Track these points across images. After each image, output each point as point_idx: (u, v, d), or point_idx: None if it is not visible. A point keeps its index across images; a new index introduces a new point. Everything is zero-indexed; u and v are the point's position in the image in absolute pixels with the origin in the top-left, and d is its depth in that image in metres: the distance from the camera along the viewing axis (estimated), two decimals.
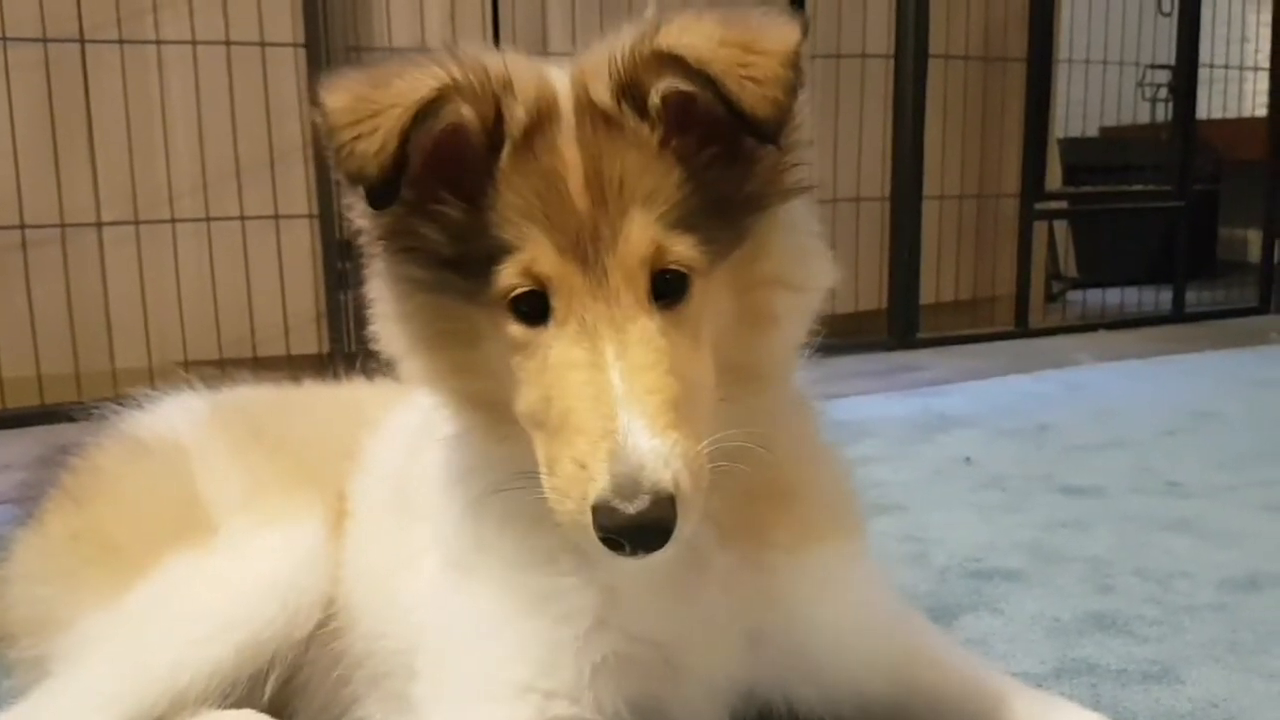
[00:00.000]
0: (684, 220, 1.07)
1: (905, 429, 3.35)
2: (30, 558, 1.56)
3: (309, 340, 4.21)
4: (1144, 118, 6.37)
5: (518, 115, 1.07)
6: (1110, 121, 6.69)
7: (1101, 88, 5.89)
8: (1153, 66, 5.87)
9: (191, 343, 4.02)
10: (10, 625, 1.54)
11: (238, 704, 1.39)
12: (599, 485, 0.98)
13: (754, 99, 1.03)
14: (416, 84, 1.03)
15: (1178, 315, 5.80)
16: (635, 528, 0.97)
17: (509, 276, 1.06)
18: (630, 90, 1.07)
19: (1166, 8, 5.75)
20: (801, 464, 1.29)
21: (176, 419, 1.64)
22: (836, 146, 4.87)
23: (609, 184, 1.05)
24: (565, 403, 1.03)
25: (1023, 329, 5.38)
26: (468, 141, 1.06)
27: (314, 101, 1.06)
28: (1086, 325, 5.57)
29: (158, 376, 1.75)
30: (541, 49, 4.31)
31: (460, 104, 1.04)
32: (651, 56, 1.06)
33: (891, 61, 4.99)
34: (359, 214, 1.14)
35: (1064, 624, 1.84)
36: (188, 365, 3.78)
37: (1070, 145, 6.39)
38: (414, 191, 1.07)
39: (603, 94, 1.08)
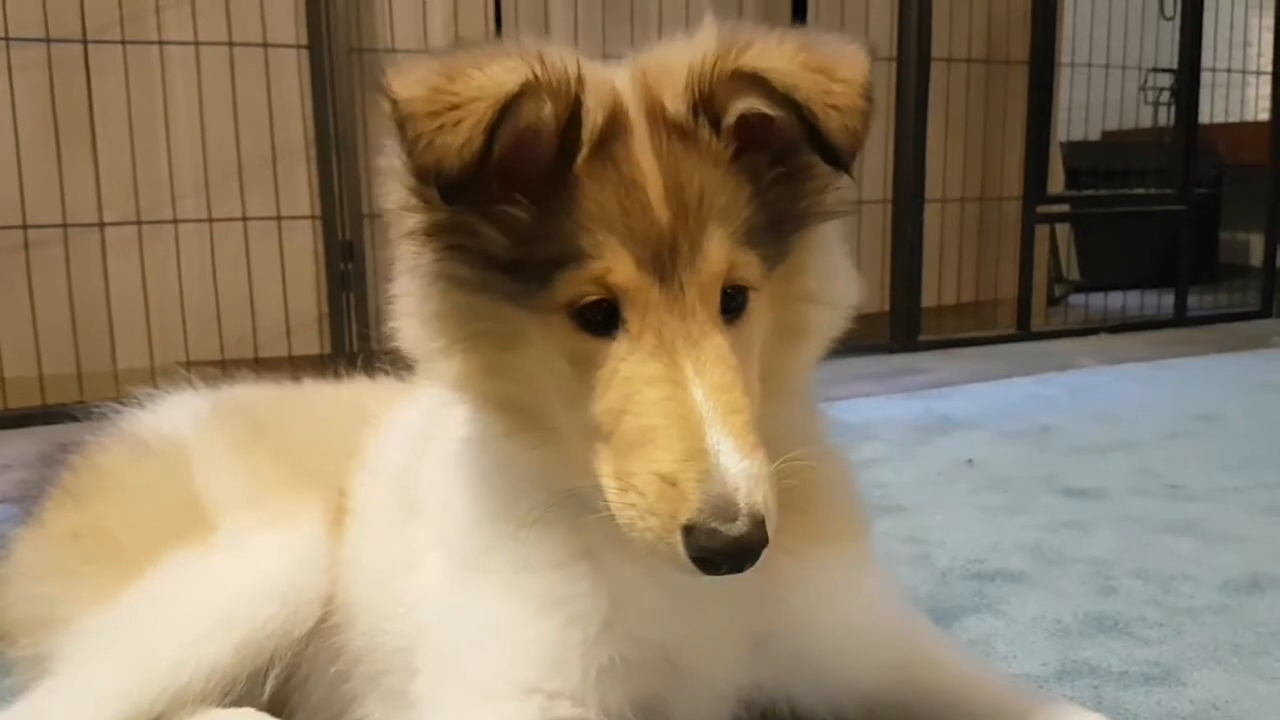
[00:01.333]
0: (748, 237, 1.07)
1: (907, 431, 3.35)
2: (30, 556, 1.56)
3: (311, 341, 4.21)
4: (1146, 121, 6.37)
5: (595, 118, 1.04)
6: (1112, 125, 6.69)
7: (1104, 91, 5.89)
8: (1155, 70, 5.88)
9: (193, 343, 4.02)
10: (10, 623, 1.54)
11: (237, 702, 1.39)
12: (693, 506, 0.97)
13: (837, 127, 1.05)
14: (500, 78, 0.99)
15: (1180, 319, 5.79)
16: (735, 550, 0.97)
17: (579, 284, 1.04)
18: (707, 105, 1.07)
19: (1169, 11, 5.75)
20: (810, 468, 1.29)
21: (177, 418, 1.65)
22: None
23: (688, 198, 1.04)
24: (644, 419, 1.02)
25: (1025, 332, 5.37)
26: (540, 142, 1.03)
27: (380, 90, 1.02)
28: (1089, 328, 5.57)
29: (160, 377, 1.75)
30: None
31: (544, 102, 1.01)
32: (733, 75, 1.05)
33: (894, 64, 4.99)
34: (403, 205, 1.10)
35: (1066, 626, 1.84)
36: (190, 365, 3.76)
37: (1072, 149, 6.39)
38: (477, 190, 1.03)
39: (678, 106, 1.07)
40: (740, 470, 0.98)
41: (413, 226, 1.10)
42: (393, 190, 1.12)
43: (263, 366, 1.86)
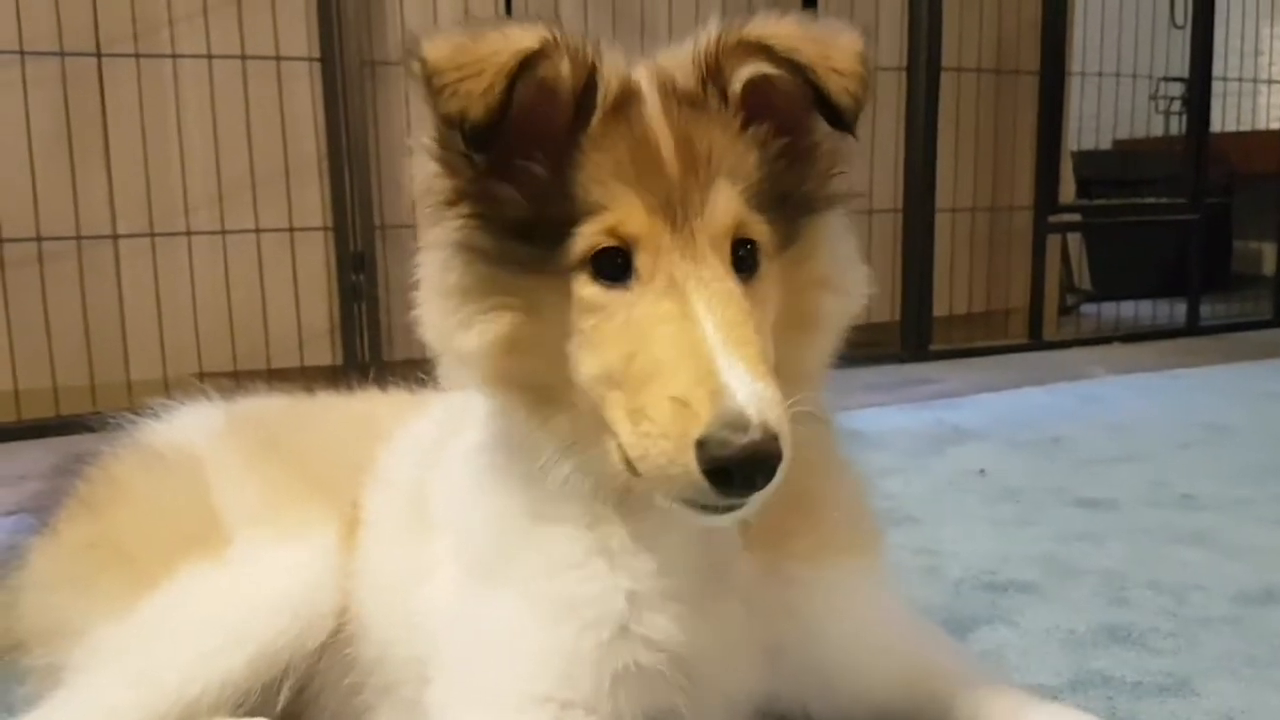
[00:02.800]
0: (757, 201, 1.12)
1: (918, 441, 3.34)
2: (45, 566, 1.56)
3: (323, 352, 4.22)
4: (1157, 130, 6.37)
5: (610, 81, 1.10)
6: (1124, 134, 6.68)
7: (1115, 100, 5.89)
8: (1166, 79, 5.88)
9: (206, 354, 4.03)
10: (24, 633, 1.54)
11: (251, 714, 1.39)
12: (704, 420, 0.98)
13: (838, 87, 1.10)
14: (520, 36, 1.05)
15: (1192, 328, 5.78)
16: (747, 458, 0.97)
17: (593, 236, 1.08)
18: (714, 76, 1.13)
19: (1180, 20, 5.75)
20: (824, 476, 1.30)
21: (192, 429, 1.65)
22: (849, 159, 4.86)
23: (698, 155, 1.09)
24: (654, 354, 1.04)
25: (1036, 342, 5.37)
26: (556, 104, 1.09)
27: (410, 55, 1.07)
28: (1100, 338, 5.56)
29: (173, 388, 1.76)
30: None
31: (561, 61, 1.07)
32: (738, 44, 1.12)
33: (904, 74, 4.99)
34: (429, 177, 1.14)
35: (1079, 636, 1.83)
36: (203, 377, 3.82)
37: (1083, 158, 6.38)
38: (496, 151, 1.08)
39: (687, 79, 1.13)
40: (751, 390, 0.99)
41: (436, 196, 1.14)
42: (420, 167, 1.15)
43: (275, 378, 1.87)
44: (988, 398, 4.08)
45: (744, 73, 1.12)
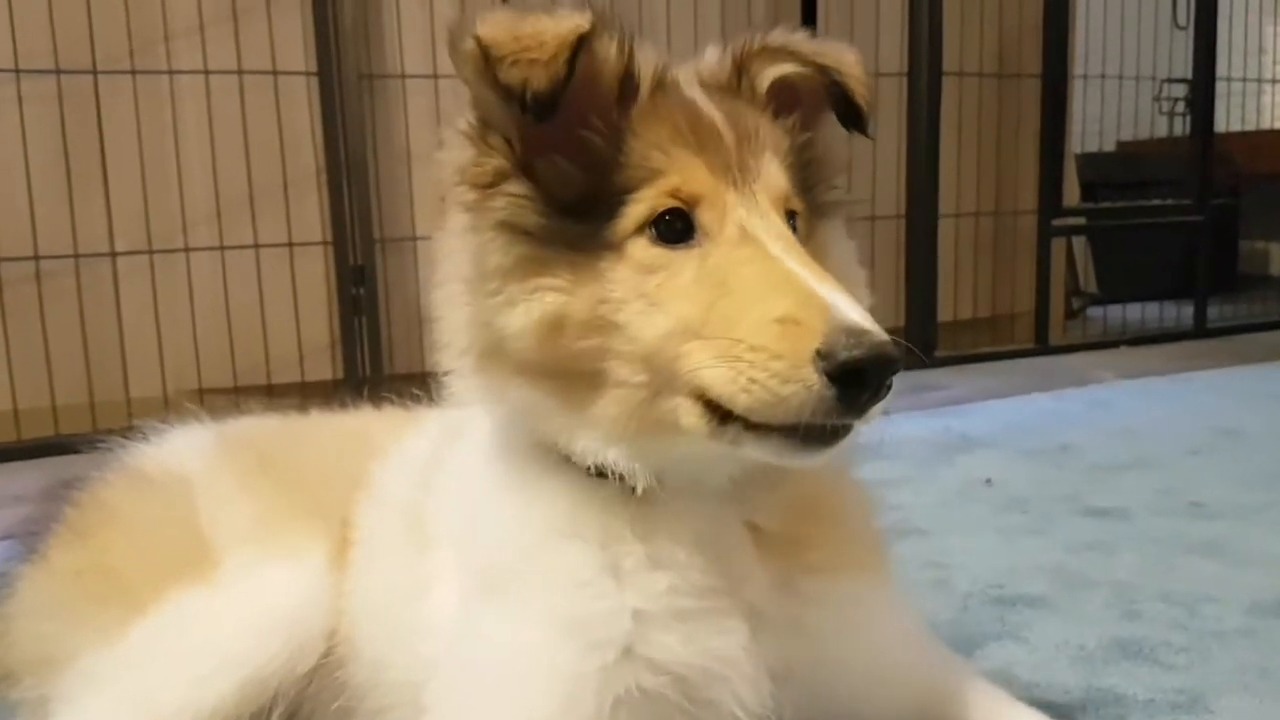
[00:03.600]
0: (793, 184, 1.18)
1: (925, 449, 3.31)
2: (34, 594, 1.54)
3: (324, 366, 4.20)
4: (1161, 132, 6.34)
5: (650, 64, 1.15)
6: (1127, 136, 6.66)
7: (1118, 102, 5.87)
8: (1169, 80, 5.85)
9: (206, 371, 4.01)
10: (13, 663, 1.52)
11: None
12: (821, 331, 0.98)
13: (858, 87, 1.21)
14: (572, 19, 1.09)
15: (1200, 331, 5.73)
16: (876, 355, 0.98)
17: (654, 198, 1.09)
18: (743, 77, 1.22)
19: (1182, 21, 5.72)
20: (836, 490, 1.30)
21: (182, 451, 1.63)
22: (851, 165, 4.84)
23: (748, 129, 1.15)
24: (744, 292, 1.04)
25: (1043, 346, 5.33)
26: (602, 82, 1.12)
27: (460, 36, 1.10)
28: (1107, 342, 5.52)
29: (172, 405, 1.73)
30: None
31: (610, 42, 1.12)
32: (763, 50, 1.22)
33: (905, 79, 4.97)
34: (467, 156, 1.15)
35: (1089, 652, 1.80)
36: (202, 393, 3.81)
37: (1087, 161, 6.36)
38: (554, 124, 1.09)
39: (718, 74, 1.22)
40: (860, 311, 1.01)
41: (476, 179, 1.13)
42: (454, 154, 1.16)
43: (276, 393, 1.85)
44: (995, 404, 4.04)
45: (772, 71, 1.21)
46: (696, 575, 1.17)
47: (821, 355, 0.97)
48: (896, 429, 3.52)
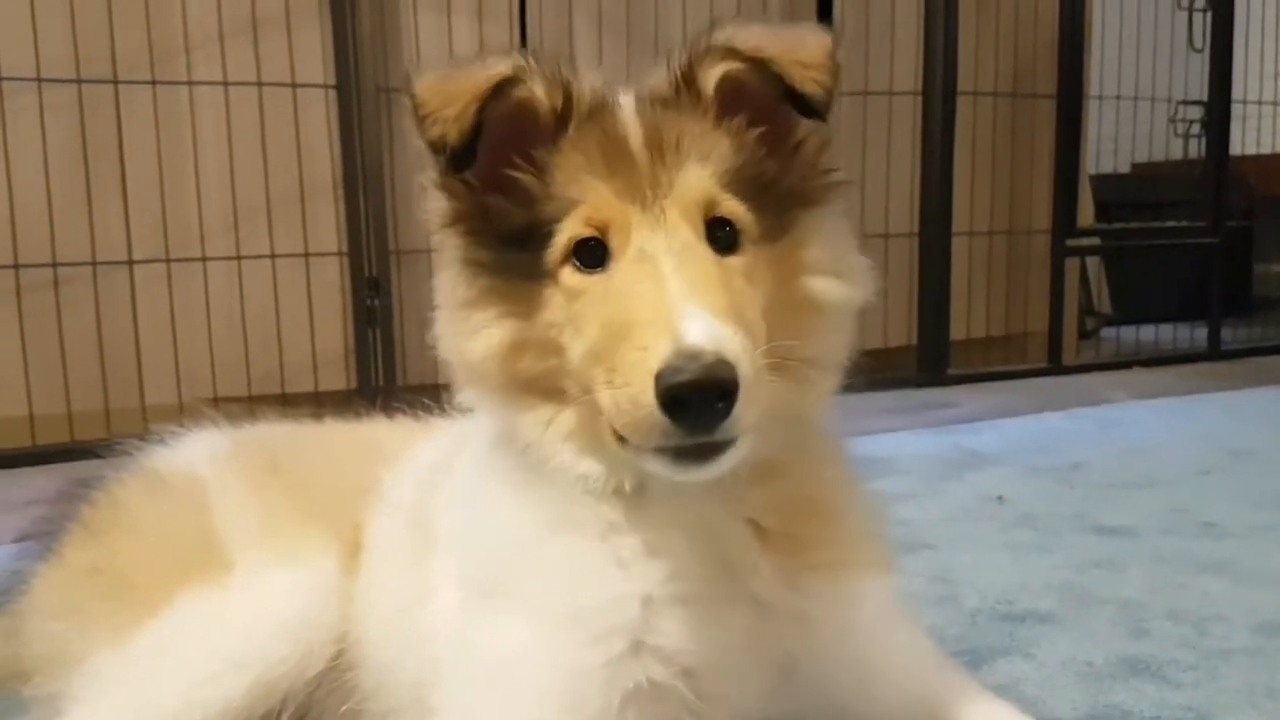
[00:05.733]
0: (734, 187, 1.16)
1: (935, 466, 3.31)
2: (48, 593, 1.56)
3: (337, 376, 4.22)
4: (1176, 154, 6.32)
5: (584, 95, 1.19)
6: (1142, 158, 6.65)
7: (1133, 124, 5.86)
8: (1185, 102, 5.83)
9: (221, 379, 4.04)
10: (25, 661, 1.54)
11: None
12: (660, 355, 1.00)
13: (803, 78, 1.16)
14: (494, 67, 1.16)
15: (1213, 352, 5.72)
16: (698, 380, 0.99)
17: (571, 227, 1.14)
18: (687, 79, 1.20)
19: (1198, 43, 5.71)
20: (840, 489, 1.31)
21: (197, 455, 1.64)
22: (864, 183, 4.87)
23: (667, 144, 1.15)
24: (625, 318, 1.07)
25: (1056, 366, 5.32)
26: (537, 120, 1.17)
27: (404, 91, 1.18)
28: (1120, 362, 5.51)
29: (187, 413, 1.75)
30: None
31: (533, 83, 1.16)
32: (706, 50, 1.20)
33: (919, 98, 4.98)
34: (436, 200, 1.22)
35: (1097, 669, 1.79)
36: (217, 402, 3.82)
37: (1102, 182, 6.35)
38: (487, 167, 1.17)
39: (661, 86, 1.21)
40: (706, 325, 1.02)
41: (441, 219, 1.22)
42: (430, 199, 1.23)
43: (290, 402, 1.87)
44: (1006, 422, 4.03)
45: (714, 72, 1.18)
46: (696, 563, 1.19)
47: (656, 380, 1.00)
48: (907, 445, 3.55)
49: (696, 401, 1.00)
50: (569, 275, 1.14)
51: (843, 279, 1.22)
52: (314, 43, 4.11)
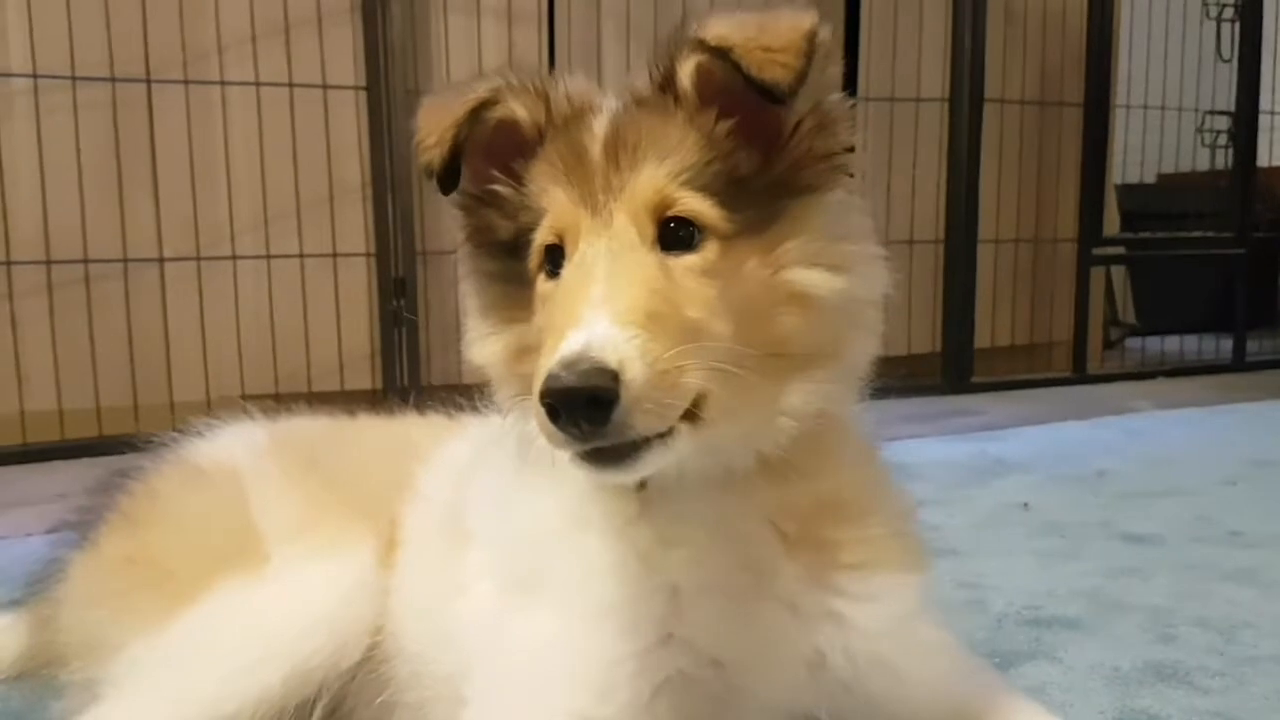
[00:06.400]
0: (700, 182, 1.14)
1: (959, 473, 3.31)
2: (84, 580, 1.58)
3: (363, 376, 4.25)
4: (1203, 164, 6.29)
5: (561, 106, 1.23)
6: (1169, 168, 6.61)
7: (1160, 134, 5.83)
8: (1212, 113, 5.81)
9: (249, 377, 4.07)
10: (62, 647, 1.56)
11: None
12: (549, 365, 1.01)
13: (761, 62, 1.12)
14: (472, 92, 1.23)
15: (1239, 364, 5.70)
16: (566, 390, 0.99)
17: (541, 236, 1.18)
18: (667, 77, 1.19)
19: (1226, 53, 5.69)
20: (868, 490, 1.30)
21: (234, 447, 1.66)
22: (890, 189, 4.87)
23: (625, 147, 1.15)
24: (550, 322, 1.09)
25: (1080, 375, 5.31)
26: (522, 135, 1.23)
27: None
28: (1145, 373, 5.49)
29: (215, 410, 1.77)
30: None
31: (511, 103, 1.23)
32: (680, 44, 1.19)
33: (946, 105, 4.98)
34: (453, 216, 1.30)
35: (1124, 674, 1.79)
36: (245, 399, 3.85)
37: (1127, 192, 6.32)
38: (481, 183, 1.25)
39: (644, 86, 1.21)
40: (595, 332, 1.01)
41: (460, 234, 1.30)
42: (450, 214, 1.31)
43: (316, 401, 1.88)
44: (1030, 430, 4.03)
45: (687, 67, 1.18)
46: (716, 556, 1.19)
47: (544, 383, 1.01)
48: (931, 452, 3.55)
49: (568, 408, 1.00)
50: (541, 282, 1.18)
51: (837, 270, 1.17)
52: (345, 45, 4.15)
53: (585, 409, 0.99)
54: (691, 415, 1.06)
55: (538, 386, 1.00)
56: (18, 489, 3.34)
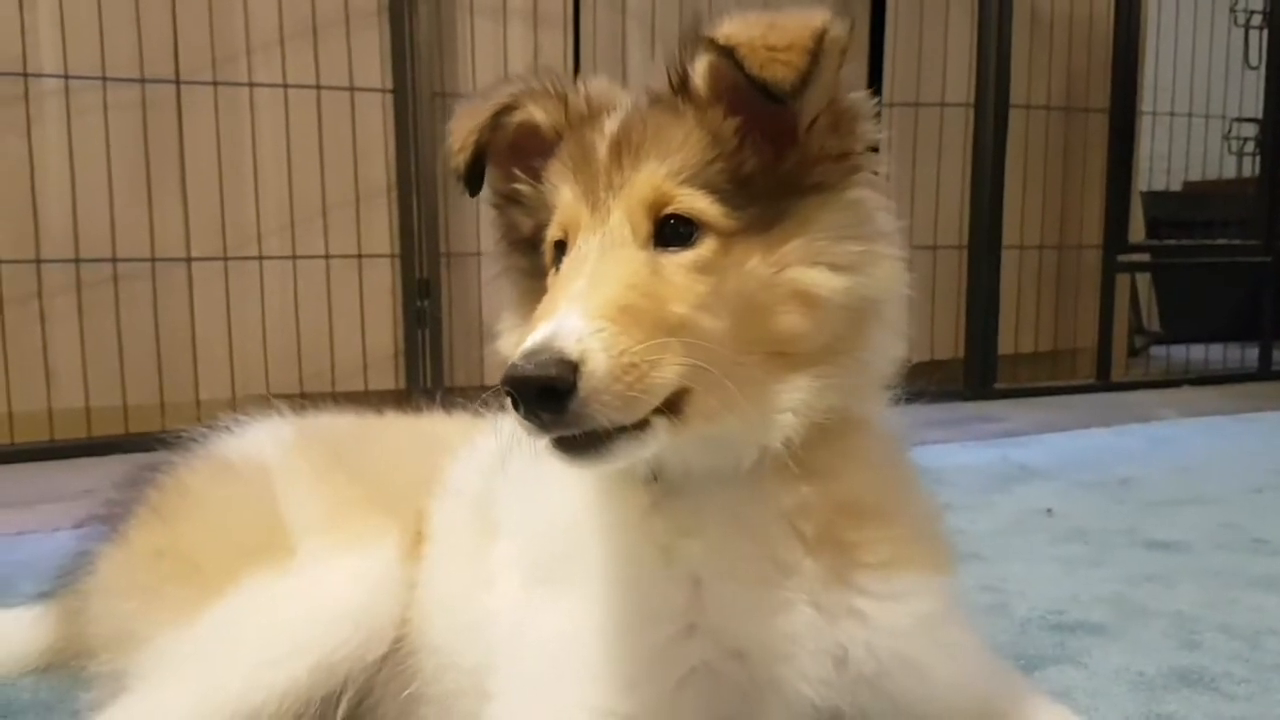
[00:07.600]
0: (702, 180, 1.15)
1: (982, 479, 3.30)
2: (113, 573, 1.59)
3: (387, 376, 4.27)
4: (1230, 172, 6.26)
5: (579, 108, 1.27)
6: (1195, 176, 6.58)
7: (1186, 141, 5.80)
8: (1239, 120, 5.78)
9: (274, 376, 4.10)
10: (91, 639, 1.57)
11: None
12: (515, 356, 1.01)
13: (764, 61, 1.12)
14: (494, 96, 1.29)
15: (1264, 373, 5.66)
16: (522, 379, 1.00)
17: (550, 232, 1.21)
18: (681, 77, 1.20)
19: (1253, 60, 5.66)
20: (892, 490, 1.29)
21: (263, 442, 1.67)
22: (914, 194, 4.86)
23: (629, 145, 1.17)
24: (539, 313, 1.09)
25: (1104, 383, 5.29)
26: (544, 136, 1.27)
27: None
28: (1170, 381, 5.47)
29: (240, 409, 1.79)
30: None
31: (530, 107, 1.28)
32: (693, 43, 1.19)
33: (972, 110, 4.97)
34: (488, 219, 1.37)
35: (1149, 679, 1.79)
36: (269, 399, 3.87)
37: (1153, 199, 6.30)
38: (508, 184, 1.30)
39: (659, 86, 1.23)
40: (566, 325, 1.02)
41: (496, 235, 1.36)
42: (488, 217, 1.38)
43: (340, 401, 1.89)
44: (1054, 437, 4.01)
45: (700, 65, 1.19)
46: (733, 545, 1.19)
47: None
48: (955, 458, 3.54)
49: (524, 397, 1.00)
50: (551, 276, 1.20)
51: (841, 269, 1.16)
52: (372, 47, 4.17)
53: (539, 399, 1.00)
54: (674, 409, 1.07)
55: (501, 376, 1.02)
56: (46, 485, 3.38)
